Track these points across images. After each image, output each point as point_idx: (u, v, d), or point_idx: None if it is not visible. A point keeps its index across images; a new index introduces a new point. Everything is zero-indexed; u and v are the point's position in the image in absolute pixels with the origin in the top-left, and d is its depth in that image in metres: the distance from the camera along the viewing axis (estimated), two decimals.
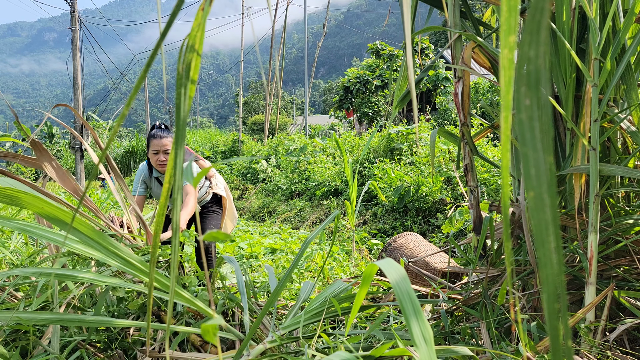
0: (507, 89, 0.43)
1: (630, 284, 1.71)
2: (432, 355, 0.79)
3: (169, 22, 0.58)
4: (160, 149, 2.90)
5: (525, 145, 0.37)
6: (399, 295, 0.86)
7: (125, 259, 1.26)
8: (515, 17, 0.43)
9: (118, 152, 28.86)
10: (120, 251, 1.27)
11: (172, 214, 0.73)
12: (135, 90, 0.59)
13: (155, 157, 2.93)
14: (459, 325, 1.86)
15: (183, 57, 0.66)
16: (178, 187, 0.69)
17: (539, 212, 0.37)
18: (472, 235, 2.05)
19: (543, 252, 0.37)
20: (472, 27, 2.09)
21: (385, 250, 3.53)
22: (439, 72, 17.40)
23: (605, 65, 1.60)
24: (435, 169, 6.62)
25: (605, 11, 1.73)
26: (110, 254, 1.25)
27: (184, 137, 0.68)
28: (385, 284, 2.76)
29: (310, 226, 7.33)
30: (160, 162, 2.92)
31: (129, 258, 1.27)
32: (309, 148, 11.20)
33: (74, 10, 14.69)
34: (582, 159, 1.72)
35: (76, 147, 14.60)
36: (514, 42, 0.43)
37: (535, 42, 0.37)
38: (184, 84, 0.66)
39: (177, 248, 0.73)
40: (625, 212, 1.84)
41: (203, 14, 0.65)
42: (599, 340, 1.56)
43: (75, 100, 14.77)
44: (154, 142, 2.91)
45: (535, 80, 0.37)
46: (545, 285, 0.36)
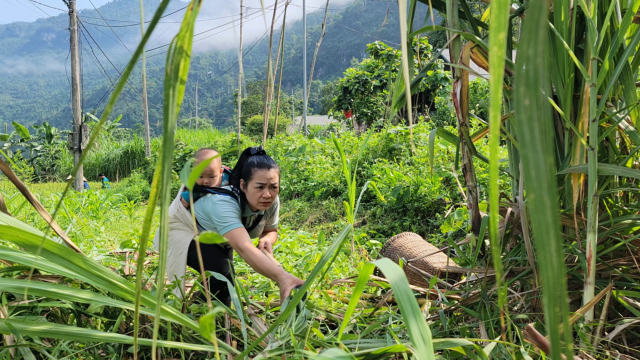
0: (497, 88, 0.42)
1: (628, 284, 1.71)
2: (431, 355, 0.78)
3: (154, 20, 0.57)
4: (268, 182, 2.28)
5: (525, 146, 0.37)
6: (397, 296, 0.85)
7: (107, 279, 1.22)
8: (505, 15, 0.43)
9: (117, 152, 28.83)
10: (100, 272, 1.22)
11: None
12: (118, 88, 0.58)
13: (258, 193, 2.27)
14: (458, 326, 1.86)
15: (172, 58, 0.65)
16: (165, 191, 0.68)
17: (539, 214, 0.36)
18: (471, 235, 2.05)
19: (544, 254, 0.36)
20: (471, 27, 2.09)
21: (384, 251, 3.53)
22: (437, 72, 17.42)
23: (603, 65, 1.60)
24: (434, 169, 6.62)
25: (603, 11, 1.73)
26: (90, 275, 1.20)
27: (173, 140, 0.67)
28: (383, 284, 2.76)
29: (309, 226, 7.33)
30: (264, 200, 2.29)
31: (112, 279, 1.23)
32: (308, 148, 11.20)
33: (72, 11, 14.68)
34: (581, 159, 1.72)
35: (75, 147, 14.57)
36: (504, 40, 0.42)
37: (534, 40, 0.37)
38: (172, 85, 0.65)
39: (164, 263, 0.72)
40: (624, 212, 1.84)
41: (192, 13, 0.65)
42: (597, 340, 1.56)
43: (74, 100, 14.75)
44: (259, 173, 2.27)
45: (535, 80, 0.36)
46: (546, 288, 0.35)
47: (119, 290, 1.23)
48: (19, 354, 1.34)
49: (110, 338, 1.22)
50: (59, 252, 1.17)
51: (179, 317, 1.27)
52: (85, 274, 1.20)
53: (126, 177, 25.16)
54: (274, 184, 2.31)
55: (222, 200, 2.29)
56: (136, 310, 0.73)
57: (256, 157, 2.34)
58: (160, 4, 0.60)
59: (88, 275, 1.20)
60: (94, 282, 1.21)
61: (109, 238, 5.78)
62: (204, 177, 2.47)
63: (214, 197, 2.33)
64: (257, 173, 2.27)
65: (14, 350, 1.32)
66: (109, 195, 11.07)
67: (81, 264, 1.19)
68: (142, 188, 17.25)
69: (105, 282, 1.22)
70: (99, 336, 1.22)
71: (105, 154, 29.34)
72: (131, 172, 25.74)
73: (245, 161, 2.35)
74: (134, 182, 19.69)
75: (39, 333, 1.19)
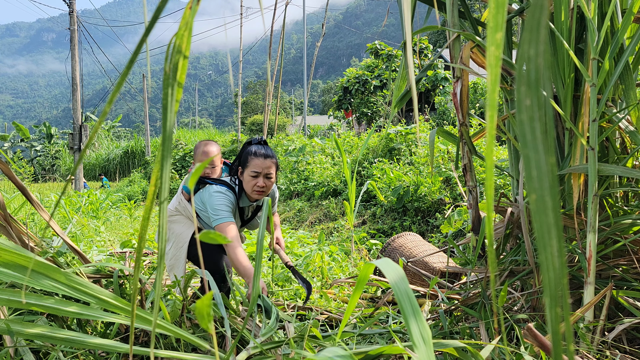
0: (493, 87, 0.42)
1: (629, 284, 1.71)
2: (431, 355, 0.78)
3: (153, 20, 0.57)
4: (263, 171, 2.33)
5: (526, 146, 0.37)
6: (397, 296, 0.85)
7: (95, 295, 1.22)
8: (502, 14, 0.42)
9: (117, 152, 28.84)
10: (86, 288, 1.22)
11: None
12: (117, 88, 0.58)
13: (253, 181, 2.33)
14: (458, 326, 1.86)
15: (171, 57, 0.65)
16: (164, 190, 0.68)
17: (541, 214, 0.36)
18: (471, 235, 2.05)
19: (545, 255, 0.36)
20: (471, 27, 2.09)
21: (384, 250, 3.53)
22: (437, 72, 17.42)
23: (603, 65, 1.60)
24: (434, 169, 6.62)
25: (603, 11, 1.73)
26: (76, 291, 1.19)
27: (172, 139, 0.67)
28: (383, 284, 2.76)
29: (309, 226, 7.33)
30: (258, 189, 2.34)
31: (99, 295, 1.23)
32: (308, 148, 11.20)
33: (72, 11, 14.68)
34: (581, 159, 1.72)
35: (75, 147, 14.57)
36: (501, 40, 0.42)
37: (535, 40, 0.37)
38: (171, 84, 0.65)
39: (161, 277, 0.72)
40: (624, 212, 1.84)
41: (191, 12, 0.65)
42: (597, 340, 1.56)
43: (74, 100, 14.75)
44: (255, 161, 2.33)
45: (536, 80, 0.36)
46: (547, 289, 0.35)
47: (107, 305, 1.23)
48: (18, 353, 1.34)
49: (106, 346, 1.21)
50: (44, 271, 1.18)
51: (173, 331, 1.27)
52: (71, 290, 1.20)
53: (126, 177, 25.17)
54: (269, 174, 2.35)
55: (217, 192, 2.34)
56: (132, 325, 0.73)
57: (256, 146, 2.39)
58: (159, 3, 0.60)
59: (75, 291, 1.21)
60: (83, 297, 1.21)
61: (109, 238, 5.78)
62: (216, 165, 2.59)
63: (211, 187, 2.39)
64: (254, 161, 2.32)
65: (13, 349, 1.32)
66: (109, 195, 11.07)
67: (64, 279, 1.19)
68: (142, 188, 17.25)
69: (94, 298, 1.22)
70: (95, 343, 1.21)
71: (105, 154, 29.36)
72: (131, 172, 25.76)
73: (245, 149, 2.42)
74: (134, 182, 19.69)
75: (35, 336, 1.19)
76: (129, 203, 8.99)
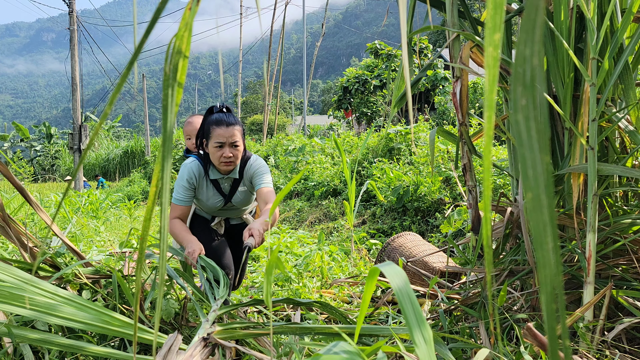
0: (491, 88, 0.42)
1: (628, 284, 1.71)
2: (432, 356, 0.79)
3: (153, 20, 0.57)
4: (227, 140, 2.18)
5: (522, 145, 0.37)
6: (399, 297, 0.86)
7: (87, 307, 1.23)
8: (501, 15, 0.43)
9: (117, 152, 28.85)
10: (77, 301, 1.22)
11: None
12: (117, 89, 0.58)
13: (218, 152, 2.19)
14: (458, 325, 1.86)
15: (170, 57, 0.65)
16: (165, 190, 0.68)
17: (536, 213, 0.37)
18: (471, 235, 2.05)
19: (541, 253, 0.36)
20: (470, 27, 2.09)
21: (384, 250, 3.53)
22: (437, 72, 17.42)
23: (603, 64, 1.60)
24: (434, 169, 6.61)
25: (603, 11, 1.73)
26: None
27: (172, 139, 0.67)
28: (383, 284, 2.76)
29: (309, 226, 7.33)
30: (225, 160, 2.20)
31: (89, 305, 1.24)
32: (308, 148, 11.20)
33: (72, 11, 14.67)
34: (581, 159, 1.72)
35: (75, 147, 14.57)
36: (499, 40, 0.42)
37: (530, 40, 0.37)
38: (171, 85, 0.65)
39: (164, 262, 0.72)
40: (624, 212, 1.84)
41: (190, 13, 0.65)
42: (597, 340, 1.56)
43: (74, 100, 14.75)
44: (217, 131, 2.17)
45: (531, 80, 0.37)
46: (543, 286, 0.36)
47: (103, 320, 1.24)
48: (18, 353, 1.35)
49: (103, 353, 1.22)
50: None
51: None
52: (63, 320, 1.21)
53: (126, 177, 25.17)
54: (235, 142, 2.20)
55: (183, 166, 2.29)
56: (134, 326, 0.73)
57: (217, 114, 2.23)
58: (159, 3, 0.60)
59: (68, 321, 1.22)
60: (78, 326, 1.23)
61: (109, 238, 5.78)
62: (192, 137, 2.77)
63: (185, 161, 2.35)
64: (216, 131, 2.17)
65: (13, 348, 1.32)
66: (108, 195, 11.07)
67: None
68: (142, 188, 17.25)
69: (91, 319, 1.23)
70: (92, 350, 1.22)
71: (105, 154, 29.36)
72: (131, 172, 25.75)
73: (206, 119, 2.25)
74: (133, 182, 19.68)
75: (34, 341, 1.20)
76: (129, 203, 9.00)
